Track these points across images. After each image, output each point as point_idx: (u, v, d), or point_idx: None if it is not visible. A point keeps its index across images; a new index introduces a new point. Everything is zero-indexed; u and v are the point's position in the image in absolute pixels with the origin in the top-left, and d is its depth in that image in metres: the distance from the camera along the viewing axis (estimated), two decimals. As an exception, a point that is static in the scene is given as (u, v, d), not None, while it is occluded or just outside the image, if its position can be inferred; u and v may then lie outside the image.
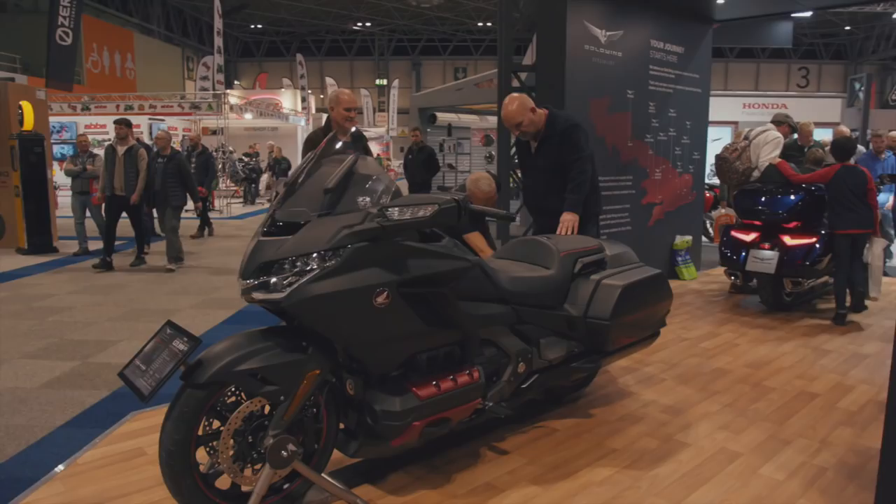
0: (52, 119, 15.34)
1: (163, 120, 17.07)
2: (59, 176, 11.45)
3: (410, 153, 9.92)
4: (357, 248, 2.29)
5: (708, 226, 9.24)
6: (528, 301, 3.03)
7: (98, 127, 16.10)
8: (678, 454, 3.02)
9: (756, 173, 5.80)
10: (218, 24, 16.07)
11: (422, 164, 9.41)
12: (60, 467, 2.94)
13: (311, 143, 4.61)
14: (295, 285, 2.23)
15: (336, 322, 2.30)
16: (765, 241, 5.39)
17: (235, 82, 43.86)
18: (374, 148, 24.95)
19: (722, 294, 6.32)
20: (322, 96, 29.55)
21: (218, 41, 16.30)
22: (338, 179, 2.37)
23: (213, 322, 5.54)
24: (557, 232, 3.81)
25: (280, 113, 21.09)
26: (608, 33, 5.84)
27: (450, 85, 16.34)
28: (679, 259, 6.94)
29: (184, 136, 17.56)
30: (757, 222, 5.51)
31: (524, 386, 3.08)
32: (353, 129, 4.63)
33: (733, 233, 5.63)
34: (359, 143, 4.72)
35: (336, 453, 2.61)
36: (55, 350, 4.77)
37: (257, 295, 2.29)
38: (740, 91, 31.05)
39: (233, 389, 2.36)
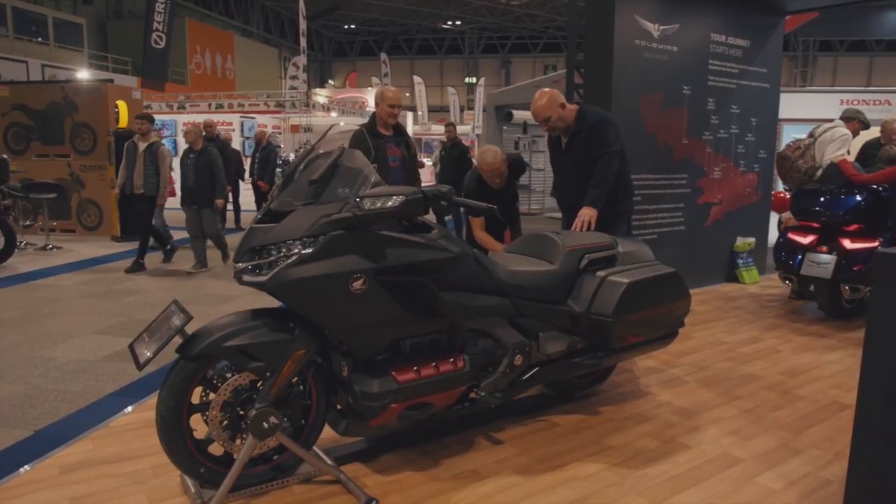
0: (156, 117, 16.57)
1: (254, 118, 18.01)
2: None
3: (444, 150, 9.66)
4: (334, 236, 2.42)
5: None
6: (527, 295, 3.06)
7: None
8: (675, 456, 2.96)
9: (820, 173, 5.48)
10: (302, 25, 16.77)
11: (452, 162, 9.06)
12: (94, 429, 3.28)
13: (356, 139, 4.80)
14: (276, 269, 2.39)
15: (315, 305, 2.44)
16: (822, 244, 5.10)
17: (329, 81, 45.45)
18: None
19: (780, 299, 6.01)
20: (408, 94, 30.17)
21: (303, 42, 17.00)
22: (322, 171, 2.51)
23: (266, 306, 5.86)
24: (573, 227, 3.80)
25: (362, 111, 21.70)
26: (662, 27, 5.69)
27: (528, 82, 16.22)
28: (740, 261, 6.66)
29: (273, 132, 18.45)
30: (815, 224, 5.22)
31: (524, 378, 3.12)
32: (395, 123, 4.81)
33: (790, 235, 5.36)
34: (401, 138, 4.91)
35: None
36: (122, 328, 5.21)
37: (246, 278, 2.47)
38: (849, 87, 28.94)
39: (229, 364, 2.55)
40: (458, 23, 42.48)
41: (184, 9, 30.38)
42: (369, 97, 26.76)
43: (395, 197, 2.38)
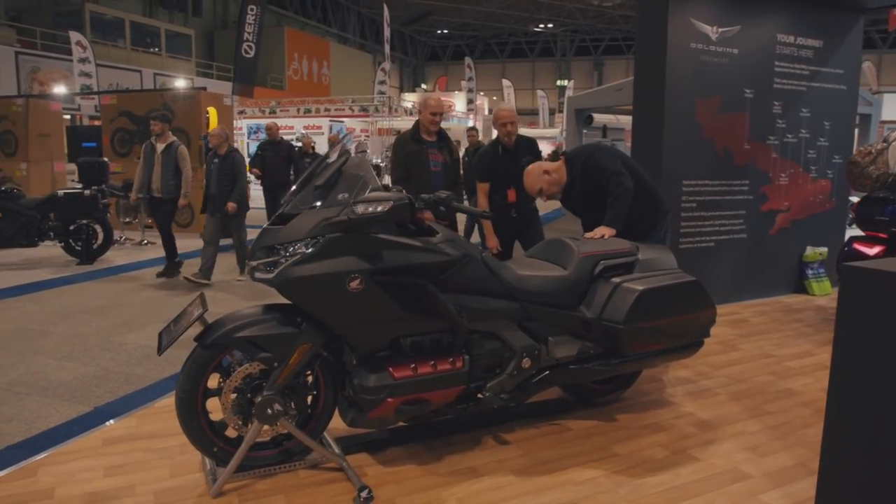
0: (248, 121, 17.57)
1: (342, 121, 18.72)
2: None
3: (467, 155, 9.32)
4: (331, 238, 2.58)
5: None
6: (536, 299, 3.11)
7: (287, 128, 18.11)
8: (680, 468, 2.92)
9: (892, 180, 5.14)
10: (386, 32, 17.29)
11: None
12: (140, 408, 3.63)
13: (399, 144, 5.00)
14: (280, 268, 2.59)
15: (315, 302, 2.62)
16: (890, 256, 4.78)
17: (422, 86, 46.29)
18: (546, 148, 25.02)
19: (848, 314, 5.66)
20: (494, 98, 30.31)
21: (386, 48, 17.51)
22: (326, 177, 2.69)
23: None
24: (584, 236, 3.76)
25: (447, 114, 22.02)
26: (721, 30, 5.52)
27: (608, 85, 15.97)
28: (809, 272, 6.32)
29: (361, 135, 19.10)
30: (882, 234, 4.90)
31: (534, 381, 3.17)
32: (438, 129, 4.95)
33: (855, 245, 5.06)
34: (443, 143, 5.05)
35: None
36: (190, 318, 5.64)
37: (257, 275, 2.68)
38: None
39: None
40: (549, 25, 42.18)
41: (284, 18, 31.98)
42: (457, 101, 27.10)
43: (384, 202, 2.52)
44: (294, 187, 2.90)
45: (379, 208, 2.52)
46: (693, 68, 5.46)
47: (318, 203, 2.69)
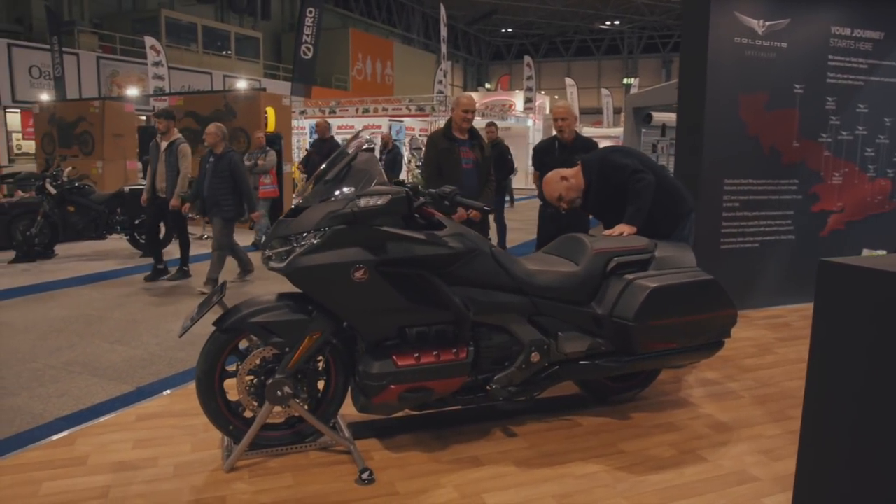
0: (310, 121, 18.07)
1: (401, 121, 19.01)
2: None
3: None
4: (336, 230, 2.70)
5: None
6: (546, 294, 3.14)
7: (347, 127, 18.55)
8: (685, 467, 2.89)
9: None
10: (443, 31, 17.44)
11: (493, 162, 7.93)
12: (175, 388, 3.86)
13: (431, 142, 5.09)
14: (291, 257, 2.72)
15: (322, 291, 2.74)
16: (944, 261, 4.54)
17: (486, 85, 46.30)
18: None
19: (902, 320, 5.38)
20: (556, 97, 30.02)
21: (443, 48, 17.67)
22: (336, 172, 2.81)
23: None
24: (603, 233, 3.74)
25: (507, 114, 22.02)
26: (768, 23, 5.35)
27: (670, 83, 15.54)
28: (865, 277, 6.03)
29: (420, 135, 19.33)
30: (936, 237, 4.65)
31: (543, 376, 3.20)
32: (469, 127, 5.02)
33: (908, 248, 4.82)
34: (475, 141, 5.12)
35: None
36: (237, 308, 5.92)
37: (271, 264, 2.83)
38: None
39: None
40: (616, 22, 41.42)
41: (349, 19, 32.66)
42: (517, 100, 27.00)
43: (383, 195, 2.62)
44: (310, 182, 3.04)
45: (379, 201, 2.62)
46: (737, 64, 5.31)
47: (328, 197, 2.81)
